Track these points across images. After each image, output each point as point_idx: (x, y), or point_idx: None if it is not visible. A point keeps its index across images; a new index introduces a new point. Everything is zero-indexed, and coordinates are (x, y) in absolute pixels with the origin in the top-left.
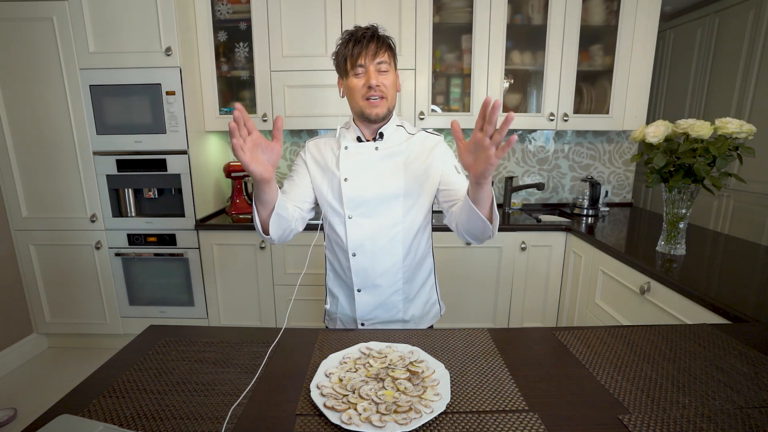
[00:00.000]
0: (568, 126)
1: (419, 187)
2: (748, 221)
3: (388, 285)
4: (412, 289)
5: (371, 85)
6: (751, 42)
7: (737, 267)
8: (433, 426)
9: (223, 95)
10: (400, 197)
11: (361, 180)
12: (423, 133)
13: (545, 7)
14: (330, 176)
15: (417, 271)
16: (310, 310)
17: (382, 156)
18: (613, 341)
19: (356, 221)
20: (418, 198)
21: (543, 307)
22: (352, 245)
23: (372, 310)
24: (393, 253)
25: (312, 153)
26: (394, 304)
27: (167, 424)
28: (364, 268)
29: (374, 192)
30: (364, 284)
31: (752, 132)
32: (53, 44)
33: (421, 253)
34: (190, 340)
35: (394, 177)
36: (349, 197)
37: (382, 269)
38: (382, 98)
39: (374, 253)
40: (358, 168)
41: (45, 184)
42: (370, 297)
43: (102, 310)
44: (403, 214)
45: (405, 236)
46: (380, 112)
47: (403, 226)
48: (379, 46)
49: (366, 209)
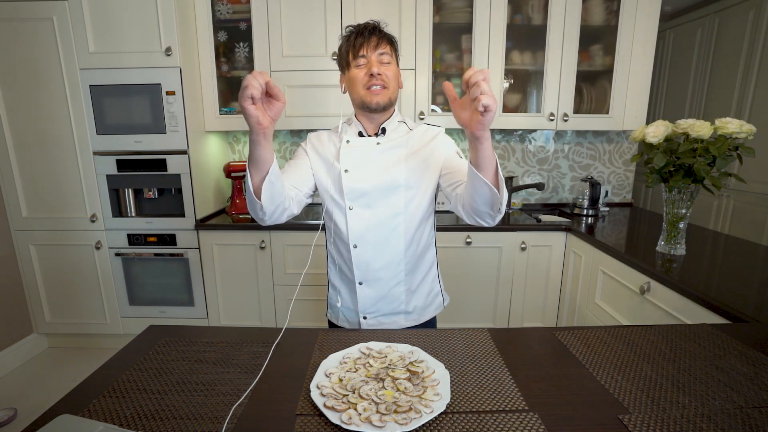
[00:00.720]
0: (568, 126)
1: (421, 177)
2: (748, 221)
3: (389, 277)
4: (415, 280)
5: (373, 73)
6: (751, 42)
7: (737, 267)
8: (433, 426)
9: (223, 95)
10: (401, 187)
11: (362, 172)
12: (423, 125)
13: (545, 7)
14: (330, 167)
15: (419, 262)
16: (310, 310)
17: (384, 149)
18: (613, 341)
19: (357, 212)
20: (420, 188)
21: (543, 307)
22: (353, 237)
23: (374, 303)
24: (395, 245)
25: (313, 143)
26: (396, 296)
27: (167, 424)
28: (366, 261)
29: (375, 183)
30: (365, 277)
31: (752, 132)
32: (53, 44)
33: (424, 244)
34: (190, 340)
35: (395, 168)
36: (349, 188)
37: (384, 261)
38: (383, 87)
39: (375, 245)
40: (359, 160)
41: (45, 184)
42: (371, 290)
43: (102, 310)
44: (405, 205)
45: (407, 227)
46: (381, 100)
47: (404, 216)
48: (381, 39)
49: (367, 200)
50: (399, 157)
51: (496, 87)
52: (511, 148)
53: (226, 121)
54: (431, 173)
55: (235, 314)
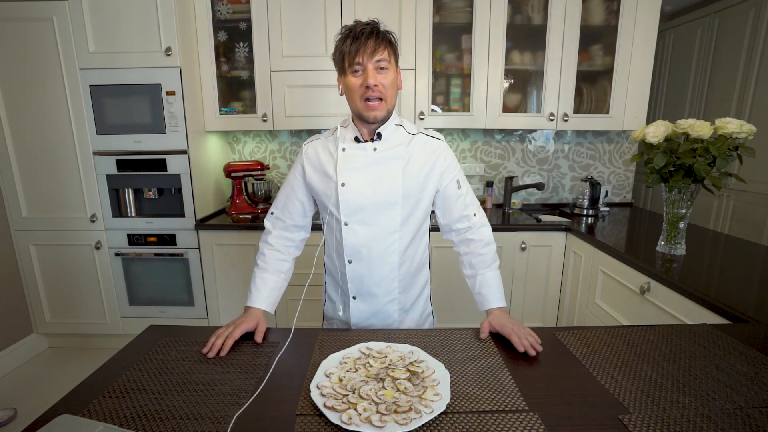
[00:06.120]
0: (568, 126)
1: (418, 194)
2: (748, 221)
3: (383, 294)
4: (408, 299)
5: (369, 84)
6: (751, 42)
7: (737, 267)
8: (433, 426)
9: (223, 95)
10: (398, 204)
11: (359, 185)
12: (423, 136)
13: (545, 7)
14: (328, 181)
15: (413, 280)
16: (310, 310)
17: (381, 158)
18: (613, 341)
19: (352, 228)
20: (416, 205)
21: (543, 307)
22: (348, 252)
23: (367, 318)
24: (389, 261)
25: (310, 158)
26: (389, 313)
27: (167, 424)
28: (360, 276)
29: (372, 198)
30: (359, 291)
31: (752, 132)
32: (53, 44)
33: (418, 261)
34: (190, 340)
35: (392, 182)
36: (346, 203)
37: (378, 278)
38: (380, 100)
39: (370, 261)
40: (356, 171)
41: (45, 184)
42: (365, 305)
43: (102, 310)
44: (401, 223)
45: (401, 244)
46: (378, 114)
47: (399, 234)
48: (378, 43)
49: (363, 216)
50: (396, 169)
51: (496, 87)
52: (511, 148)
53: (226, 121)
54: (428, 193)
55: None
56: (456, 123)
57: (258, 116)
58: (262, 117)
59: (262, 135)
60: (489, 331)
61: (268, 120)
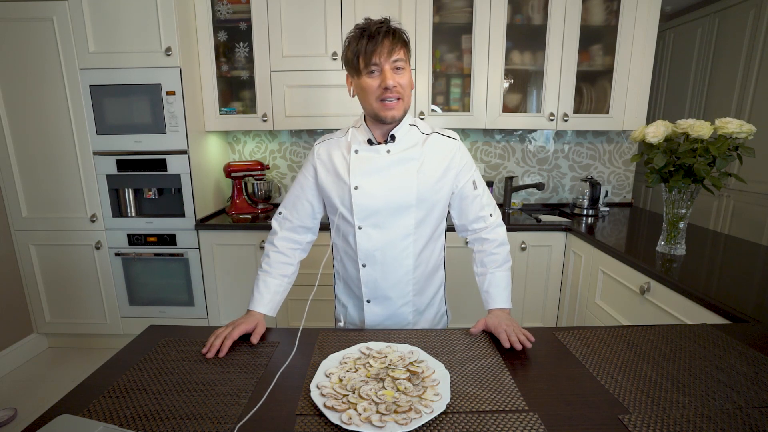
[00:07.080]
0: (568, 126)
1: (433, 196)
2: (748, 221)
3: (398, 297)
4: (423, 301)
5: (388, 86)
6: (751, 42)
7: (737, 267)
8: (433, 426)
9: (223, 95)
10: (412, 207)
11: (372, 188)
12: (437, 135)
13: (545, 7)
14: (341, 183)
15: (428, 282)
16: (310, 309)
17: (395, 160)
18: (613, 341)
19: (366, 232)
20: (432, 208)
21: (543, 307)
22: (362, 256)
23: (381, 321)
24: (404, 264)
25: (323, 159)
26: (404, 316)
27: (167, 424)
28: (374, 279)
29: (385, 201)
30: (374, 295)
31: (752, 132)
32: (53, 44)
33: (433, 263)
34: (190, 340)
35: (406, 185)
36: (359, 206)
37: (393, 281)
38: (398, 99)
39: (384, 265)
40: (369, 174)
41: (45, 184)
42: (379, 308)
43: (102, 310)
44: (415, 226)
45: (416, 247)
46: (396, 114)
47: (414, 237)
48: (395, 43)
49: (377, 219)
50: (411, 171)
51: (496, 87)
52: (511, 148)
53: (226, 121)
54: (443, 195)
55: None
56: (456, 123)
57: (258, 116)
58: (262, 117)
59: (262, 135)
60: (482, 329)
61: (268, 120)
